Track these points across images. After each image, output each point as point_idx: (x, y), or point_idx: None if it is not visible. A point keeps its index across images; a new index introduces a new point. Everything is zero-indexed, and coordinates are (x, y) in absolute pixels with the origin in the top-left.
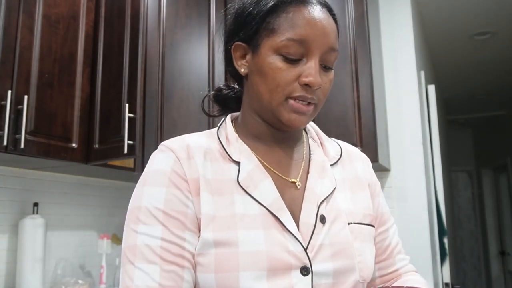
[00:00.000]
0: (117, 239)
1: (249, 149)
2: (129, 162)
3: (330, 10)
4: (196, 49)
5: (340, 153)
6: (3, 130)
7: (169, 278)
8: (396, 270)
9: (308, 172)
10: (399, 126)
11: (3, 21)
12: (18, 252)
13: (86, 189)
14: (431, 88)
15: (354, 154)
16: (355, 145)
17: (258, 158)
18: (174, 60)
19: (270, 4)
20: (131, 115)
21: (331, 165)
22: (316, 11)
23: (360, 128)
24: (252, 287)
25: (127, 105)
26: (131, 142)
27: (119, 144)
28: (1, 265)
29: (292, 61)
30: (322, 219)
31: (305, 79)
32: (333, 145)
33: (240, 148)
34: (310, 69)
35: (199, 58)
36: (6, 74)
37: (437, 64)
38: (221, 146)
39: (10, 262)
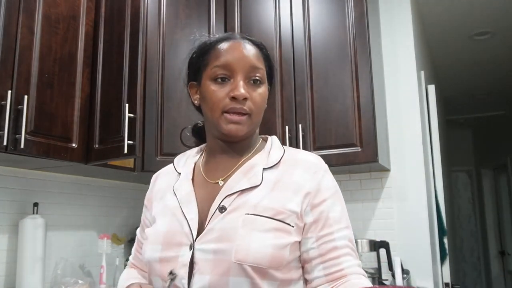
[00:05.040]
0: (117, 239)
1: (193, 163)
2: (129, 162)
3: (253, 42)
4: None
5: (279, 159)
6: (3, 130)
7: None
8: (341, 269)
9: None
10: (399, 126)
11: (3, 21)
12: (18, 252)
13: (86, 189)
14: (431, 88)
15: (301, 163)
16: (355, 145)
17: (201, 168)
18: (174, 60)
19: (204, 47)
20: (131, 115)
21: (266, 168)
22: (236, 42)
23: (360, 128)
24: (150, 256)
25: (127, 105)
26: (131, 142)
27: (119, 144)
28: (1, 265)
29: (221, 82)
30: (222, 209)
31: (232, 93)
32: (279, 153)
33: (187, 162)
34: (234, 85)
35: None
36: (6, 74)
37: (437, 64)
38: (173, 164)
39: (10, 262)
